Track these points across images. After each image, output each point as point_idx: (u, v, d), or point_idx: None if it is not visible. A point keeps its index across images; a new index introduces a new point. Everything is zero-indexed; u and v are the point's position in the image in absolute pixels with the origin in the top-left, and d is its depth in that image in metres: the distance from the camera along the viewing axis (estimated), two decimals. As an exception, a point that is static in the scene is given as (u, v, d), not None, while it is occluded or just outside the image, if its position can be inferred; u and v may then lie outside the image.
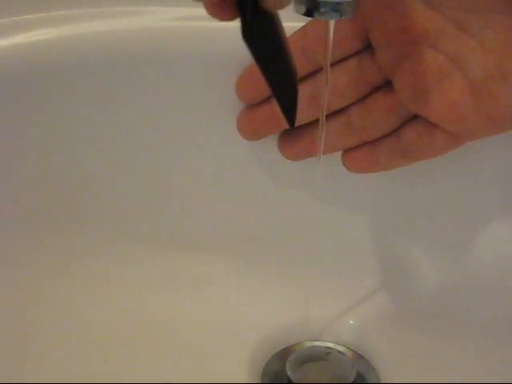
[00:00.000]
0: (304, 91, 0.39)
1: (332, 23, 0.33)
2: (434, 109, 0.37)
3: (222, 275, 0.46)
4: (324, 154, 0.41)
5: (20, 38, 0.40)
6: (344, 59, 0.38)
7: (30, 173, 0.43)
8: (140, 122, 0.43)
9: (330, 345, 0.44)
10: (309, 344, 0.44)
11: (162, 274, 0.46)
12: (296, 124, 0.41)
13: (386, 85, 0.38)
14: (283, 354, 0.43)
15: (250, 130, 0.42)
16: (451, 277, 0.45)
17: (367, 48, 0.38)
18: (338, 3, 0.31)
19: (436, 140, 0.38)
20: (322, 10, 0.31)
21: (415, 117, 0.38)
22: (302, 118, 0.40)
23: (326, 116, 0.40)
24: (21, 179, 0.43)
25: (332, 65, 0.38)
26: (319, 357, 0.43)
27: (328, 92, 0.36)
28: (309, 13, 0.31)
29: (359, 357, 0.43)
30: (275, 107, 0.40)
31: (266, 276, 0.46)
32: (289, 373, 0.42)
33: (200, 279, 0.46)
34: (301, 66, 0.39)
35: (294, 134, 0.42)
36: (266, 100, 0.40)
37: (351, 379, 0.42)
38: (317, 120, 0.40)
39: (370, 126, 0.39)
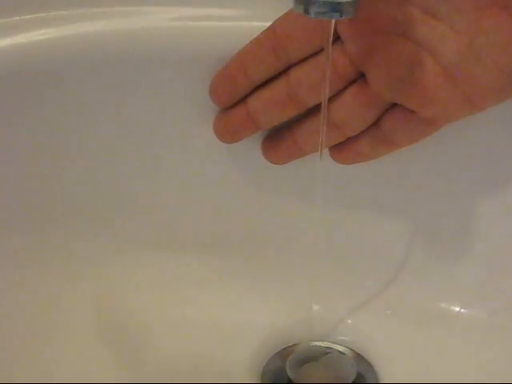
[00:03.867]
0: (279, 91, 0.39)
1: (332, 23, 0.33)
2: (410, 97, 0.37)
3: (221, 275, 0.46)
4: (307, 154, 0.41)
5: (20, 38, 0.40)
6: (314, 54, 0.38)
7: (29, 173, 0.43)
8: (140, 122, 0.43)
9: (330, 345, 0.44)
10: (309, 344, 0.44)
11: (161, 274, 0.46)
12: (272, 125, 0.41)
13: (360, 77, 0.38)
14: (283, 354, 0.43)
15: (227, 133, 0.42)
16: (452, 276, 0.45)
17: (337, 41, 0.38)
18: (338, 3, 0.31)
19: (415, 126, 0.38)
20: (321, 9, 0.31)
21: (393, 105, 0.38)
22: (280, 118, 0.40)
23: (305, 116, 0.40)
24: (20, 179, 0.43)
25: (303, 61, 0.38)
26: (319, 357, 0.43)
27: (327, 95, 0.36)
28: (308, 12, 0.31)
29: (359, 357, 0.43)
30: (250, 108, 0.40)
31: (266, 276, 0.46)
32: (289, 373, 0.42)
33: (200, 279, 0.46)
34: (272, 64, 0.39)
35: (276, 137, 0.42)
36: (241, 101, 0.40)
37: (351, 379, 0.42)
38: (296, 119, 0.40)
39: (350, 121, 0.39)
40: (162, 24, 0.41)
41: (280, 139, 0.42)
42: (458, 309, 0.45)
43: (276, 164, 0.43)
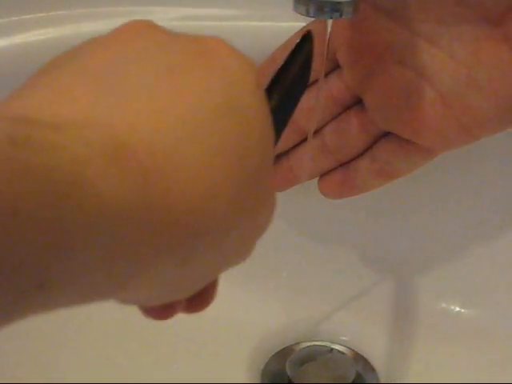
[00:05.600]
0: None
1: (330, 23, 0.33)
2: (406, 125, 0.37)
3: (222, 275, 0.46)
4: (302, 182, 0.41)
5: (20, 38, 0.40)
6: (313, 82, 0.38)
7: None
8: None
9: (330, 345, 0.44)
10: (309, 344, 0.44)
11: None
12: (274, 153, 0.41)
13: (358, 103, 0.38)
14: (283, 354, 0.43)
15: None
16: (452, 276, 0.45)
17: (336, 68, 0.38)
18: (338, 3, 0.31)
19: (410, 156, 0.38)
20: (322, 9, 0.31)
21: (388, 133, 0.38)
22: (279, 146, 0.40)
23: (300, 142, 0.40)
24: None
25: None
26: (319, 357, 0.43)
27: (323, 98, 0.36)
28: (309, 13, 0.31)
29: (359, 357, 0.43)
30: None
31: (266, 276, 0.46)
32: (289, 373, 0.42)
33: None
34: None
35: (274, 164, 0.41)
36: None
37: (351, 379, 0.42)
38: (294, 146, 0.40)
39: (343, 146, 0.39)
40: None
41: (276, 167, 0.41)
42: (458, 309, 0.45)
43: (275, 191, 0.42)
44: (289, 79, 0.27)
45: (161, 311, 0.26)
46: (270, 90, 0.25)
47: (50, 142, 0.17)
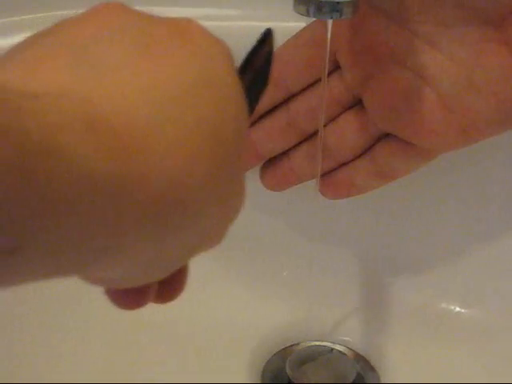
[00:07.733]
0: (279, 119, 0.39)
1: (330, 23, 0.33)
2: (405, 126, 0.37)
3: (222, 275, 0.46)
4: (303, 182, 0.41)
5: (20, 38, 0.40)
6: (313, 84, 0.38)
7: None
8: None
9: (330, 345, 0.44)
10: (309, 344, 0.44)
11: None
12: (274, 153, 0.41)
13: (358, 104, 0.38)
14: (283, 354, 0.43)
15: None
16: (452, 276, 0.45)
17: (336, 68, 0.38)
18: (337, 3, 0.31)
19: (410, 157, 0.38)
20: (321, 9, 0.31)
21: (387, 134, 0.38)
22: (281, 146, 0.40)
23: (300, 143, 0.40)
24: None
25: (302, 90, 0.38)
26: (319, 357, 0.43)
27: (326, 97, 0.36)
28: (309, 13, 0.31)
29: (359, 357, 0.43)
30: (253, 138, 0.40)
31: (267, 276, 0.46)
32: (289, 373, 0.42)
33: (200, 279, 0.46)
34: (271, 95, 0.38)
35: (273, 164, 0.41)
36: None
37: (351, 379, 0.42)
38: (293, 147, 0.40)
39: (343, 147, 0.39)
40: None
41: (277, 166, 0.41)
42: (458, 309, 0.45)
43: (274, 191, 0.42)
44: (257, 66, 0.28)
45: (130, 297, 0.25)
46: (240, 73, 0.26)
47: (24, 107, 0.17)
